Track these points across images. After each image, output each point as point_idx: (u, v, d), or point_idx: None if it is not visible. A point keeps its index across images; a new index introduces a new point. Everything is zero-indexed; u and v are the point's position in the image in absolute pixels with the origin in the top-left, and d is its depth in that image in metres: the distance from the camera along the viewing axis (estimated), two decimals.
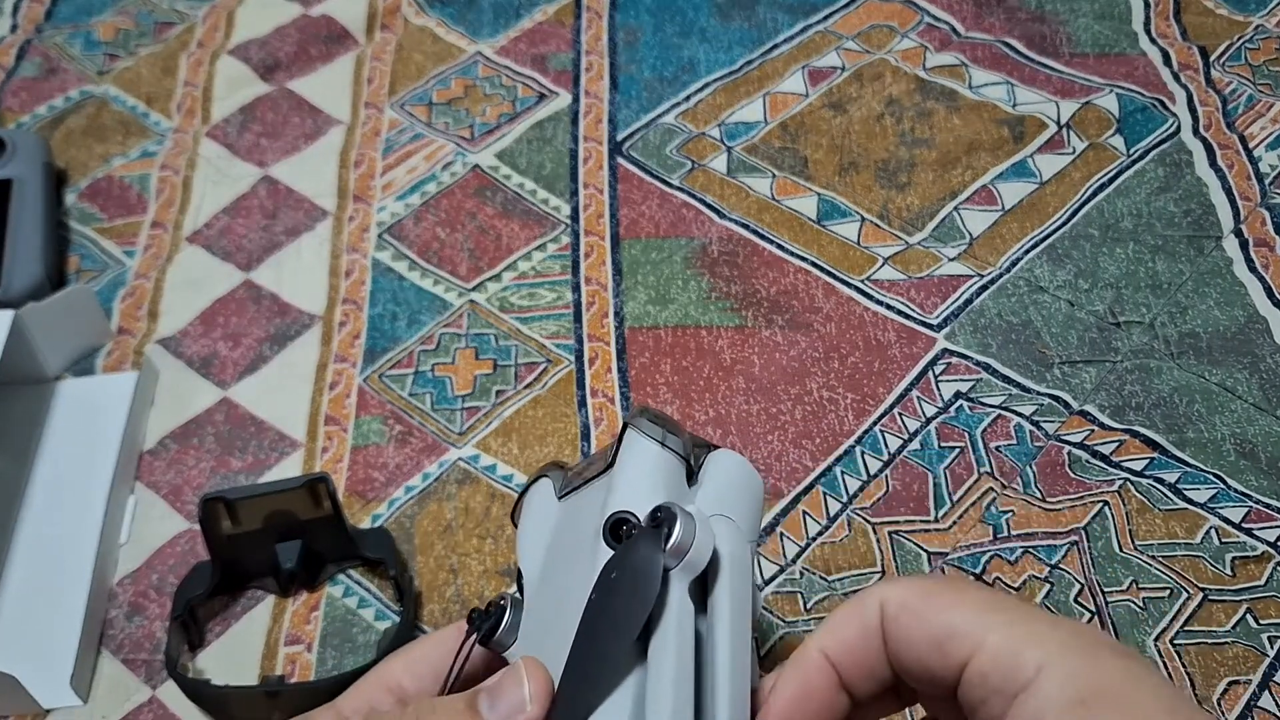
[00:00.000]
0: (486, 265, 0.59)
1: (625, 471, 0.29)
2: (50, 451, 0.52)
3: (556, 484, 0.32)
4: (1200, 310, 0.55)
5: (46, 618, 0.46)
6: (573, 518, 0.30)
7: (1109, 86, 0.66)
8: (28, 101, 0.68)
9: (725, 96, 0.67)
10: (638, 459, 0.29)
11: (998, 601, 0.24)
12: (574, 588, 0.27)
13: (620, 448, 0.30)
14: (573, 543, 0.29)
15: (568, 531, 0.30)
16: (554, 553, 0.30)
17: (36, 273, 0.56)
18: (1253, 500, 0.48)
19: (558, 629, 0.27)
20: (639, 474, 0.29)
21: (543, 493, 0.32)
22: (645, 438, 0.29)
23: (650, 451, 0.29)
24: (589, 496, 0.30)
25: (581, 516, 0.29)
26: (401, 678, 0.30)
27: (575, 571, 0.28)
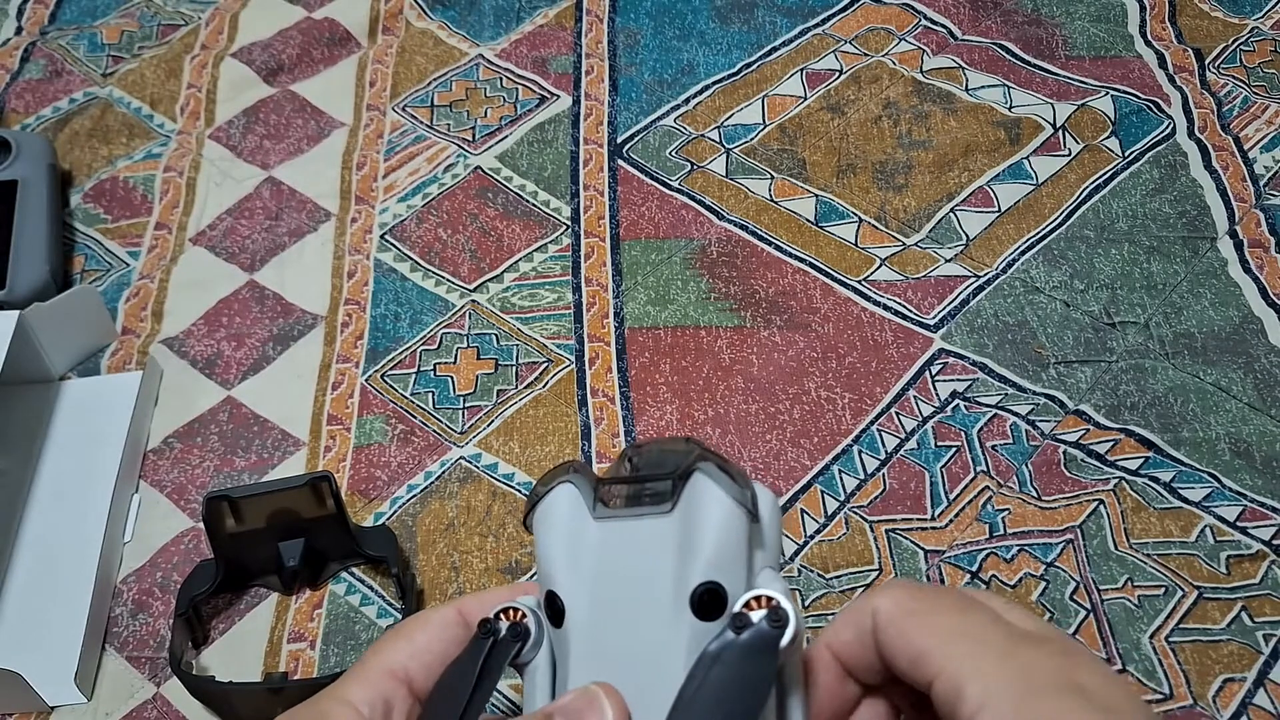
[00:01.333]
0: (488, 266, 0.60)
1: (708, 533, 0.27)
2: (55, 451, 0.52)
3: (585, 495, 0.29)
4: (1195, 311, 0.56)
5: (51, 615, 0.46)
6: (624, 551, 0.28)
7: (1105, 89, 0.66)
8: (32, 103, 0.68)
9: (724, 99, 0.67)
10: (721, 521, 0.27)
11: (964, 628, 0.25)
12: (641, 638, 0.27)
13: (687, 493, 0.28)
14: (632, 585, 0.28)
15: (620, 567, 0.28)
16: (604, 586, 0.28)
17: (41, 273, 0.57)
18: (1247, 499, 0.49)
19: (620, 674, 0.26)
20: (725, 540, 0.27)
21: (570, 504, 0.29)
22: (724, 495, 0.27)
23: (734, 515, 0.27)
24: (646, 532, 0.28)
25: (640, 557, 0.28)
26: (408, 664, 0.29)
27: (642, 623, 0.27)
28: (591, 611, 0.28)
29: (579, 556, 0.28)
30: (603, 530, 0.28)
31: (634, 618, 0.27)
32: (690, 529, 0.27)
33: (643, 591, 0.27)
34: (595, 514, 0.29)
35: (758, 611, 0.26)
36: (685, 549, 0.27)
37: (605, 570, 0.28)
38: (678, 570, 0.27)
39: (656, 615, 0.27)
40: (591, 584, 0.28)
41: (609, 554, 0.28)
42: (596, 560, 0.28)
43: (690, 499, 0.28)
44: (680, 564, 0.27)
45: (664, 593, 0.27)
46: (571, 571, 0.28)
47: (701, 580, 0.27)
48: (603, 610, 0.28)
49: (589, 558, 0.28)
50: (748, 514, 0.27)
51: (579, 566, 0.28)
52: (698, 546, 0.27)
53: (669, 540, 0.28)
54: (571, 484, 0.29)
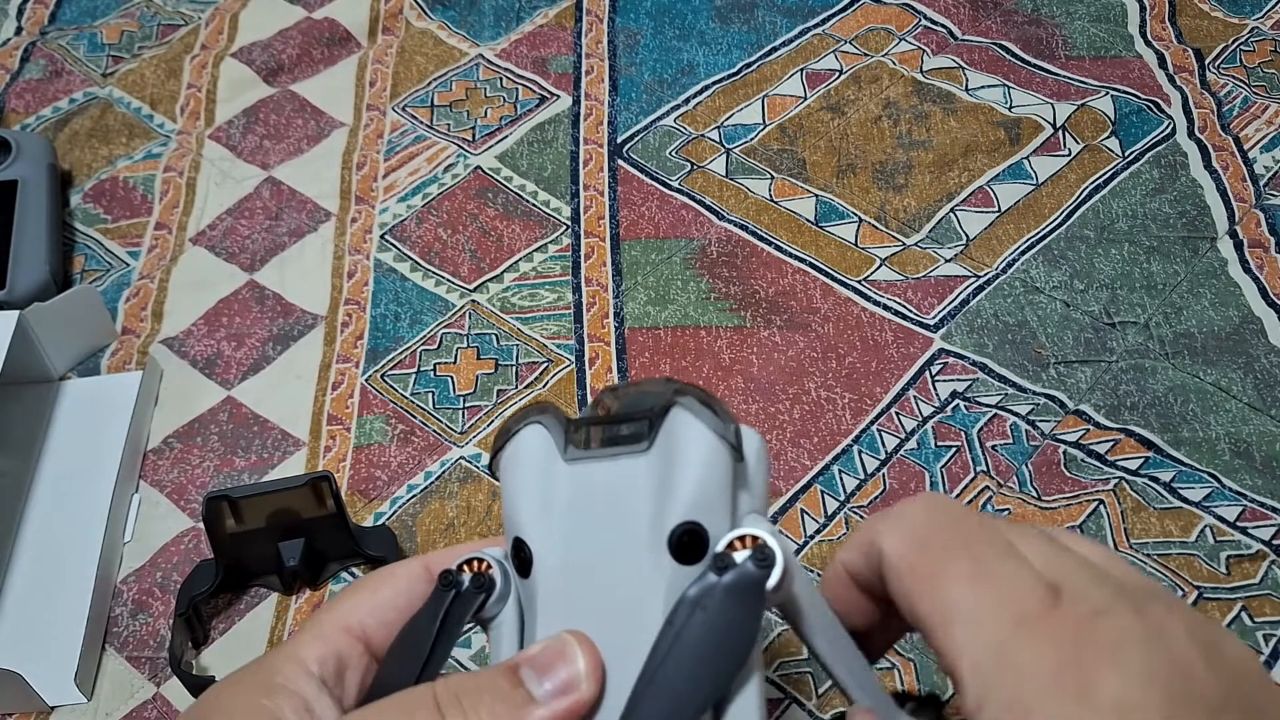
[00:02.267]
0: (488, 266, 0.60)
1: (688, 470, 0.25)
2: (55, 451, 0.52)
3: (555, 436, 0.27)
4: (1195, 311, 0.56)
5: (51, 615, 0.46)
6: (597, 494, 0.26)
7: (1105, 89, 0.66)
8: (33, 103, 0.68)
9: (724, 99, 0.67)
10: (701, 456, 0.25)
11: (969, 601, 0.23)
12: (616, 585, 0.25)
13: (665, 429, 0.26)
14: (605, 529, 0.26)
15: (593, 511, 0.26)
16: (575, 531, 0.26)
17: (41, 273, 0.57)
18: (1247, 499, 0.49)
19: (593, 623, 0.25)
20: (706, 477, 0.25)
21: (539, 446, 0.27)
22: (705, 429, 0.25)
23: (715, 450, 0.25)
24: (621, 472, 0.26)
25: (614, 498, 0.26)
26: (365, 620, 0.27)
27: (617, 568, 0.25)
28: (563, 558, 0.26)
29: (548, 501, 0.26)
30: (574, 473, 0.26)
31: (608, 563, 0.25)
32: (669, 467, 0.25)
33: (617, 535, 0.25)
34: (566, 456, 0.27)
35: (741, 552, 0.24)
36: (663, 488, 0.25)
37: (577, 515, 0.26)
38: (655, 511, 0.25)
39: (632, 559, 0.25)
40: (562, 530, 0.26)
41: (581, 497, 0.26)
42: (567, 504, 0.26)
43: (669, 435, 0.26)
44: (658, 504, 0.25)
45: (640, 535, 0.25)
46: (540, 517, 0.26)
47: (681, 520, 0.25)
48: (574, 557, 0.26)
49: (559, 502, 0.26)
50: (731, 449, 0.26)
51: (548, 512, 0.26)
52: (677, 485, 0.25)
53: (645, 480, 0.26)
54: (540, 424, 0.27)
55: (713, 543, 0.25)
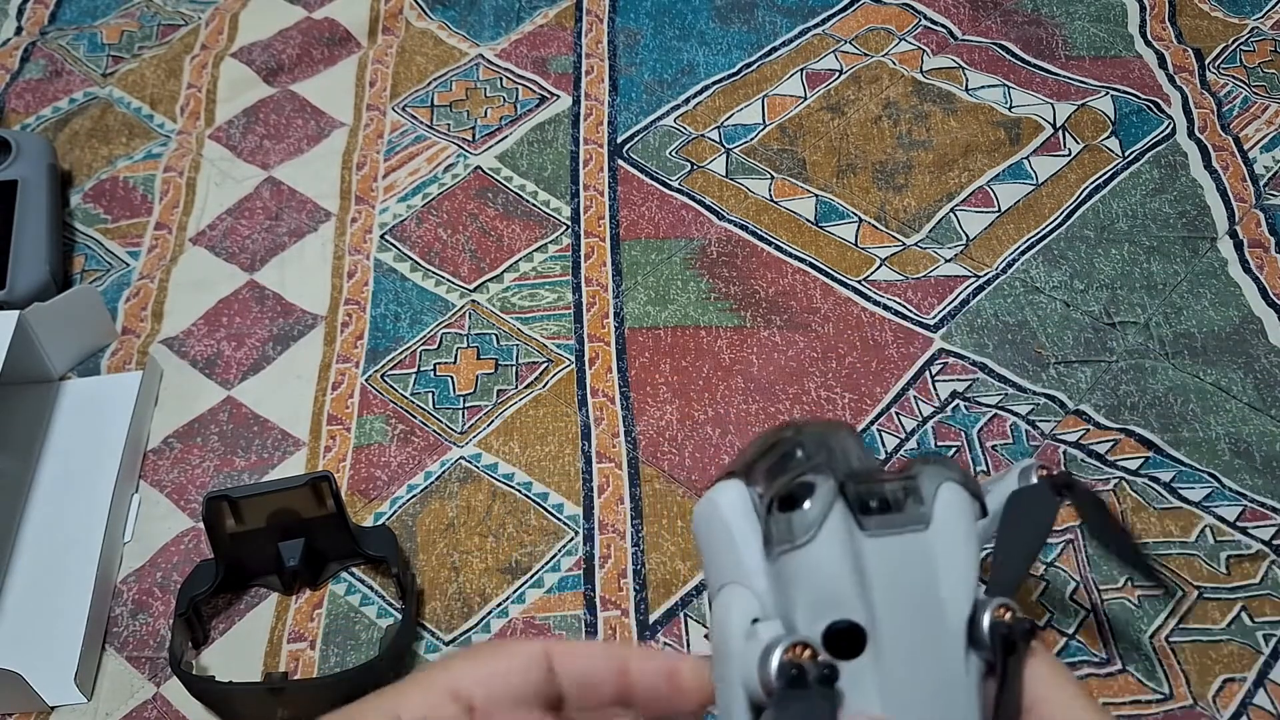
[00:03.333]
0: (488, 266, 0.60)
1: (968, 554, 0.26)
2: (55, 450, 0.52)
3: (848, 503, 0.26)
4: (1195, 311, 0.56)
5: (51, 615, 0.46)
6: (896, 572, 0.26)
7: (1105, 89, 0.66)
8: (33, 103, 0.68)
9: (724, 99, 0.67)
10: (976, 541, 0.26)
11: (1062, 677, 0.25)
12: (936, 671, 0.25)
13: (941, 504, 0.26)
14: (913, 611, 0.26)
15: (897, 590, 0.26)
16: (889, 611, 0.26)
17: (42, 273, 0.57)
18: (1247, 499, 0.49)
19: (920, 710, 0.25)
20: (977, 560, 0.27)
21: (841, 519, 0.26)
22: (971, 508, 0.26)
23: (977, 530, 0.27)
24: (908, 549, 0.26)
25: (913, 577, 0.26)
26: (472, 689, 0.26)
27: (932, 654, 0.26)
28: (890, 642, 0.25)
29: (863, 580, 0.25)
30: (877, 548, 0.26)
31: (927, 652, 0.25)
32: (952, 546, 0.26)
33: (929, 620, 0.26)
34: (865, 529, 0.26)
35: (1005, 622, 0.25)
36: (951, 570, 0.26)
37: (890, 596, 0.25)
38: (952, 595, 0.26)
39: (946, 647, 0.25)
40: (881, 610, 0.25)
41: (889, 576, 0.26)
42: (878, 583, 0.25)
43: (945, 510, 0.26)
44: (953, 586, 0.26)
45: (946, 621, 0.26)
46: (861, 596, 0.25)
47: (972, 604, 0.26)
48: (900, 642, 0.25)
49: (871, 579, 0.25)
50: (984, 514, 0.27)
51: (865, 589, 0.25)
52: (962, 569, 0.26)
53: (937, 562, 0.26)
54: (843, 499, 0.26)
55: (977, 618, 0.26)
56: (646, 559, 0.48)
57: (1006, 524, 0.28)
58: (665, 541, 0.49)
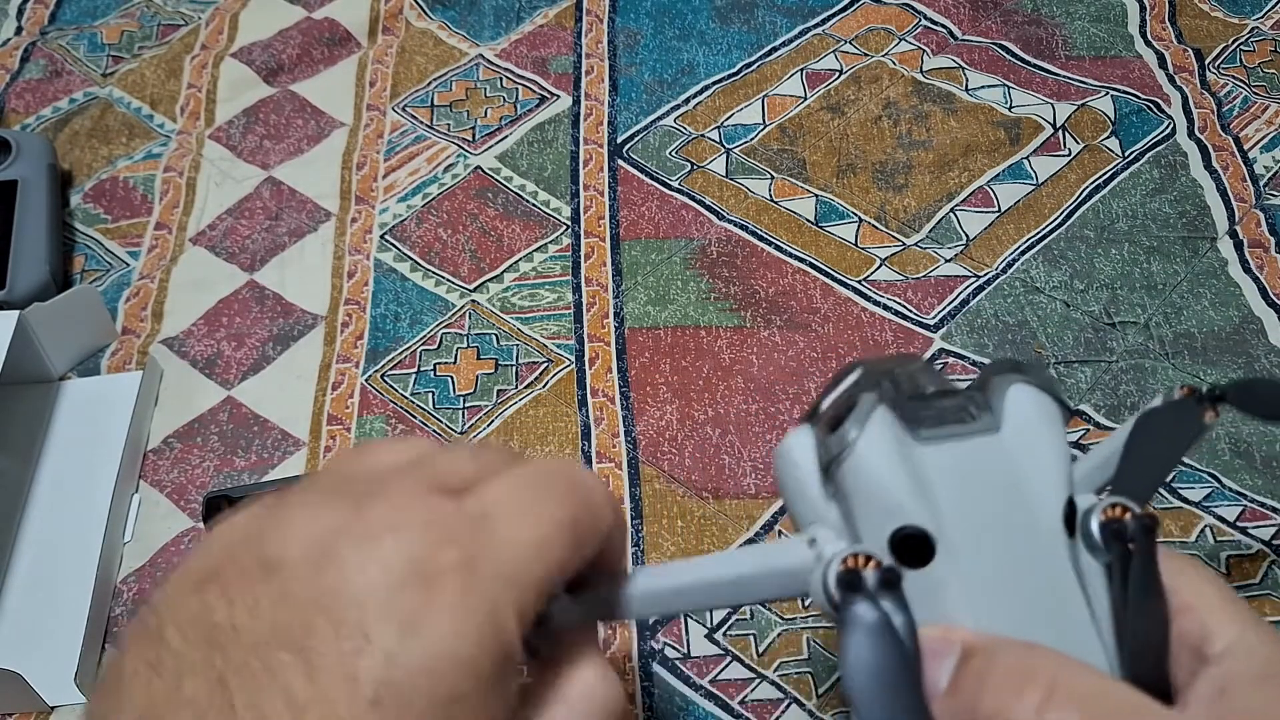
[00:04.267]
0: (488, 266, 0.60)
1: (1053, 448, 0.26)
2: (55, 451, 0.52)
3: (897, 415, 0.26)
4: (1195, 311, 0.56)
5: (51, 616, 0.46)
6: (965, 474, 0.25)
7: (1105, 89, 0.66)
8: (32, 103, 0.68)
9: (724, 99, 0.67)
10: (1060, 432, 0.26)
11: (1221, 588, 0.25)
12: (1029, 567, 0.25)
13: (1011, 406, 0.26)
14: (994, 512, 0.25)
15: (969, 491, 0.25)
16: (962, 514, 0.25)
17: (41, 273, 0.57)
18: (1247, 499, 0.49)
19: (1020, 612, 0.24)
20: (1066, 451, 0.26)
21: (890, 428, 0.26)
22: (1054, 404, 0.26)
23: (1062, 422, 0.26)
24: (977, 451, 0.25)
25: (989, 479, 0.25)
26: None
27: (1021, 551, 0.25)
28: (968, 544, 0.24)
29: (923, 485, 0.25)
30: (937, 454, 0.25)
31: (1012, 540, 0.25)
32: (1031, 445, 0.25)
33: (1013, 513, 0.25)
34: (919, 439, 0.25)
35: (1127, 519, 0.25)
36: (1035, 466, 0.25)
37: (961, 498, 0.25)
38: (1038, 492, 0.25)
39: (1035, 535, 0.25)
40: (952, 514, 0.24)
41: (956, 479, 0.25)
42: (945, 488, 0.25)
43: (1015, 413, 0.26)
44: (1038, 484, 0.25)
45: (1036, 512, 0.25)
46: (923, 500, 0.24)
47: (1065, 496, 0.25)
48: (976, 536, 0.24)
49: (935, 485, 0.25)
50: (1068, 413, 0.27)
51: (929, 495, 0.25)
52: (1049, 463, 0.25)
53: (1015, 460, 0.25)
54: (886, 406, 0.25)
55: (1079, 510, 0.25)
56: (646, 559, 0.48)
57: (1136, 436, 0.27)
58: (665, 541, 0.49)
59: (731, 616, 0.46)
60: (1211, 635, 0.24)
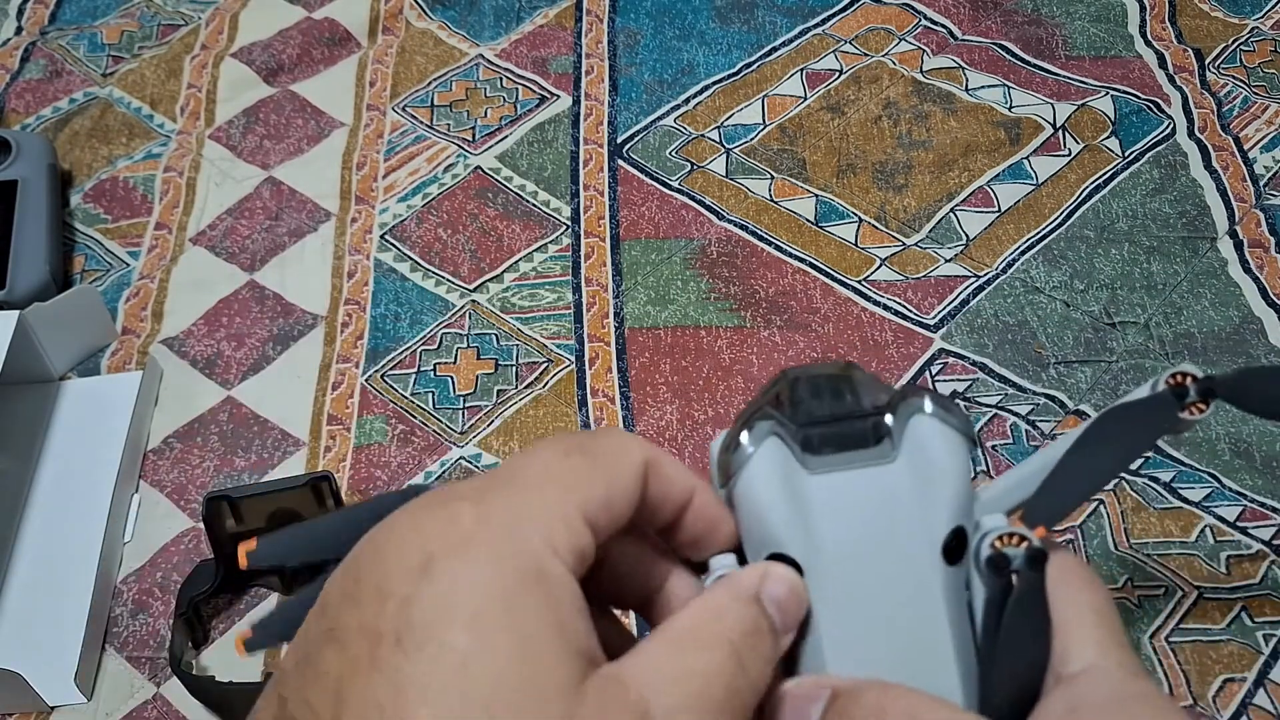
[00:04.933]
0: (488, 266, 0.60)
1: (949, 479, 0.26)
2: (55, 450, 0.52)
3: (792, 447, 0.27)
4: (1195, 311, 0.56)
5: (51, 615, 0.46)
6: (850, 504, 0.26)
7: (1105, 89, 0.66)
8: (33, 103, 0.68)
9: (724, 99, 0.67)
10: (959, 463, 0.26)
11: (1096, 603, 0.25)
12: (894, 590, 0.26)
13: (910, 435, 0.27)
14: (872, 540, 0.26)
15: (850, 520, 0.26)
16: (837, 541, 0.26)
17: (42, 273, 0.57)
18: (1247, 499, 0.49)
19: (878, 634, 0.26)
20: (966, 482, 0.26)
21: (779, 459, 0.27)
22: (958, 436, 0.26)
23: (967, 454, 0.27)
24: (869, 481, 0.26)
25: (871, 507, 0.26)
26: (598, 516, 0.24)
27: (893, 578, 0.26)
28: (834, 574, 0.26)
29: (803, 513, 0.26)
30: (823, 484, 0.26)
31: (882, 573, 0.26)
32: (925, 476, 0.26)
33: (883, 544, 0.26)
34: (809, 467, 0.26)
35: (1012, 549, 0.25)
36: (924, 497, 0.26)
37: (834, 526, 0.26)
38: (923, 521, 0.26)
39: (908, 568, 0.26)
40: (827, 544, 0.26)
41: (834, 509, 0.26)
42: (824, 518, 0.26)
43: (916, 442, 0.26)
44: (924, 513, 0.26)
45: (912, 545, 0.26)
46: (799, 531, 0.26)
47: (950, 529, 0.26)
48: (843, 565, 0.26)
49: (815, 515, 0.26)
50: (972, 444, 0.27)
51: (807, 524, 0.26)
52: (939, 496, 0.26)
53: (903, 490, 0.26)
54: (779, 437, 0.27)
55: (971, 540, 0.26)
56: None
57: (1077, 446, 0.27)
58: None
59: None
60: (1069, 656, 0.24)
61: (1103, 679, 0.24)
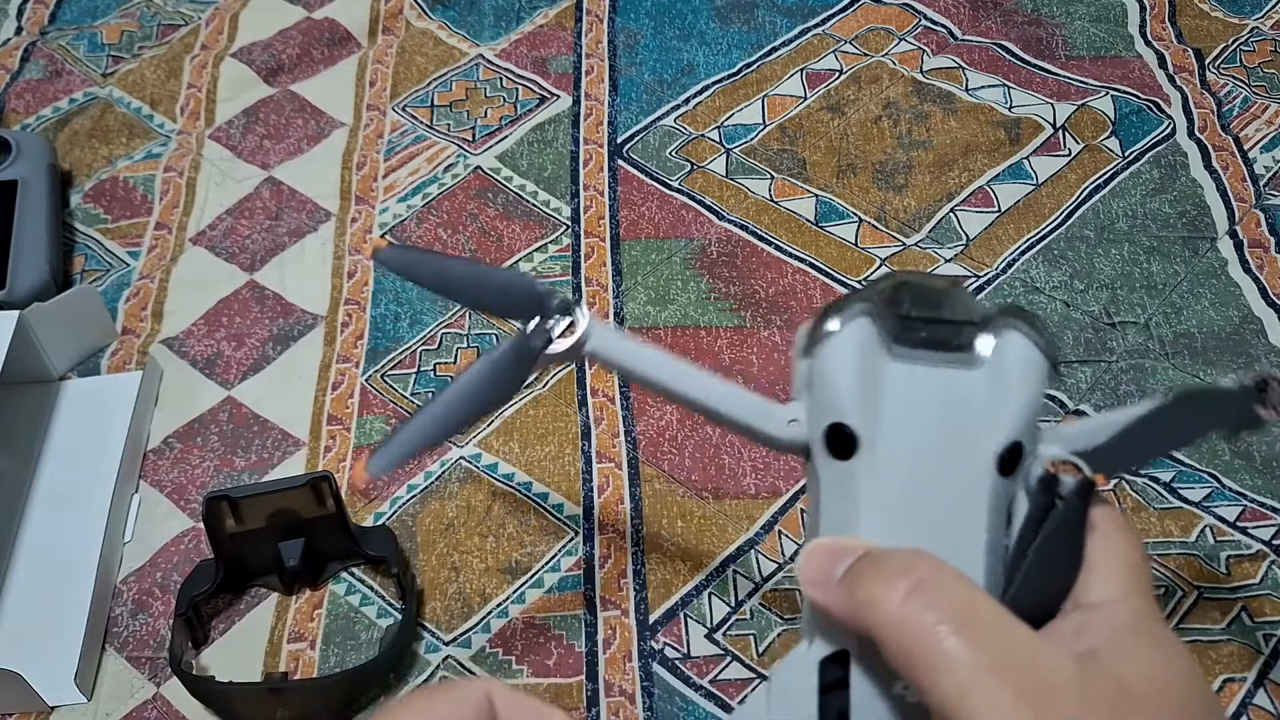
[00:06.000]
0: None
1: (1023, 394, 0.27)
2: (55, 451, 0.52)
3: (883, 330, 0.27)
4: (1195, 311, 0.56)
5: (51, 615, 0.46)
6: (924, 396, 0.27)
7: (1105, 89, 0.66)
8: (32, 103, 0.68)
9: (724, 99, 0.67)
10: (1036, 382, 0.27)
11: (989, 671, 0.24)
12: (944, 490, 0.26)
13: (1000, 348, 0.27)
14: (933, 432, 0.27)
15: (920, 412, 0.27)
16: (903, 428, 0.27)
17: (42, 273, 0.57)
18: (1247, 499, 0.49)
19: (916, 523, 0.26)
20: (1037, 402, 0.27)
21: (866, 334, 0.27)
22: (1041, 357, 0.27)
23: (1046, 375, 0.27)
24: (948, 381, 0.27)
25: (943, 405, 0.27)
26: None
27: (945, 475, 0.26)
28: (891, 451, 0.26)
29: (875, 392, 0.27)
30: (901, 371, 0.27)
31: (936, 467, 0.27)
32: (1003, 387, 0.27)
33: (947, 441, 0.27)
34: (893, 353, 0.27)
35: (1065, 475, 0.26)
36: (995, 406, 0.27)
37: (905, 412, 0.27)
38: (987, 427, 0.26)
39: (961, 467, 0.26)
40: (890, 423, 0.27)
41: (908, 397, 0.27)
42: (895, 400, 0.27)
43: (1003, 355, 0.27)
44: (990, 420, 0.27)
45: (970, 446, 0.26)
46: (866, 405, 0.27)
47: (1010, 440, 0.26)
48: (902, 453, 0.26)
49: (887, 396, 0.27)
50: (1054, 368, 0.28)
51: (874, 402, 0.27)
52: (1009, 405, 0.27)
53: (978, 395, 0.27)
54: (869, 318, 0.27)
55: (1027, 456, 0.27)
56: (646, 559, 0.48)
57: (1156, 413, 0.28)
58: (665, 541, 0.49)
59: (732, 617, 0.46)
60: (1090, 589, 0.25)
61: (1116, 613, 0.24)
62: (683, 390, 0.30)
